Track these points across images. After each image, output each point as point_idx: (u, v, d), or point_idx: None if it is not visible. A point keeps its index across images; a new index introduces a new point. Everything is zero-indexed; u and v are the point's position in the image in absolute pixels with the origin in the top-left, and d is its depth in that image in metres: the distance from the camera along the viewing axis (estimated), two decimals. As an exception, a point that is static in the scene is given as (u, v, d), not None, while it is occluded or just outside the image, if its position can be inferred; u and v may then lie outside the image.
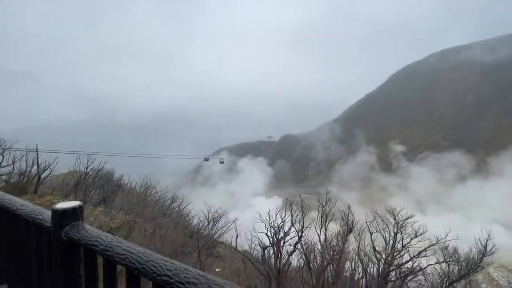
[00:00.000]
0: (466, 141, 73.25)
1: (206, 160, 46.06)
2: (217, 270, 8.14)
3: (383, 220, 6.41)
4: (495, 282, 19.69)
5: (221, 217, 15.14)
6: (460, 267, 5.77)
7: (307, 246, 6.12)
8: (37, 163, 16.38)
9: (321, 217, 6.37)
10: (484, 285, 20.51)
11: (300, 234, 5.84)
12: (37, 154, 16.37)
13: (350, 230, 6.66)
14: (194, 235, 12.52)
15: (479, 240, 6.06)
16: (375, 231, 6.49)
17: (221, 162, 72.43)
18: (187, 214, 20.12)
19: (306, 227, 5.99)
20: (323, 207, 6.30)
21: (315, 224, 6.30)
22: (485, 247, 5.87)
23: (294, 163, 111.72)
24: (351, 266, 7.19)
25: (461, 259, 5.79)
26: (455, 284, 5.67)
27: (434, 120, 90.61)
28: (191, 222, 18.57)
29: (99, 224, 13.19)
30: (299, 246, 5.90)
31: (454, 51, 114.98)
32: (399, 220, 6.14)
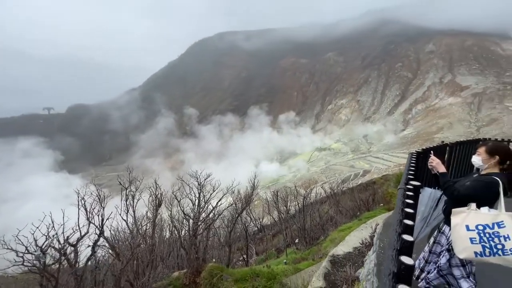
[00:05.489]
0: (243, 106, 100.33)
1: None
2: None
3: (188, 185, 7.08)
4: (262, 198, 30.10)
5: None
6: (242, 202, 8.18)
7: (113, 237, 5.32)
8: None
9: (126, 201, 5.71)
10: (257, 202, 30.60)
11: (100, 229, 4.86)
12: None
13: (159, 204, 6.69)
14: None
15: (251, 180, 8.77)
16: (183, 196, 7.04)
17: None
18: None
19: (108, 218, 5.10)
20: (126, 189, 5.62)
21: (120, 211, 5.55)
22: (253, 184, 8.70)
23: (88, 138, 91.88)
24: (168, 233, 7.54)
25: (242, 196, 8.20)
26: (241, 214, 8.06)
27: (223, 89, 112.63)
28: None
29: None
30: (101, 241, 4.93)
31: (230, 34, 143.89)
32: (201, 181, 7.08)
